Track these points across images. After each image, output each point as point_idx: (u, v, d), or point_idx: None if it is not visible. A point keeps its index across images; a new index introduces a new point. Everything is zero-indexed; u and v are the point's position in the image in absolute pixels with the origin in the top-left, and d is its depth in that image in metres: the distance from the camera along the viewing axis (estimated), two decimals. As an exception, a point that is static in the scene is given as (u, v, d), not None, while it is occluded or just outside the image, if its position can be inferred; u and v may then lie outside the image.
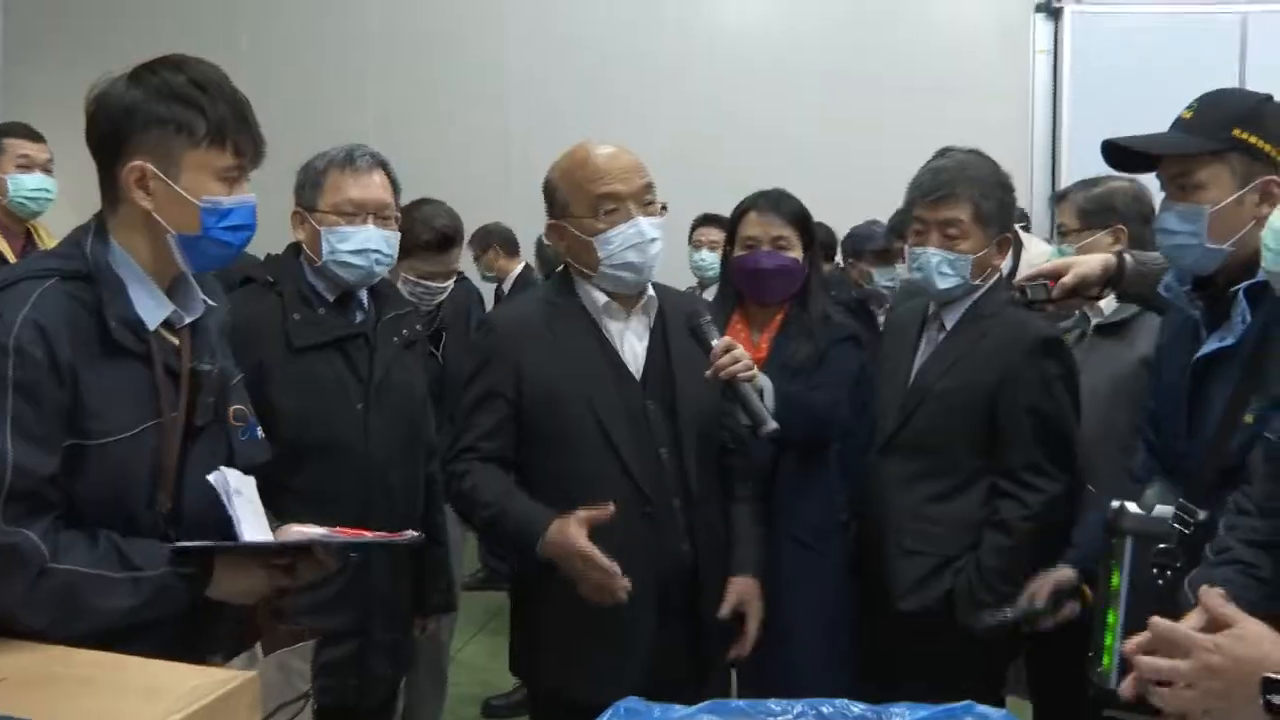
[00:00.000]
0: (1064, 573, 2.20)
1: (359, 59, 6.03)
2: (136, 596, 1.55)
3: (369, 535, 1.82)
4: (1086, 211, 2.69)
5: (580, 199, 2.18)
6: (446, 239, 3.00)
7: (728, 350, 2.12)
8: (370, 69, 6.03)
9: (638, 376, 2.22)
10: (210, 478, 1.64)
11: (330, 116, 5.69)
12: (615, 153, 2.20)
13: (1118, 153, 2.01)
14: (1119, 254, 2.27)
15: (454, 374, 3.01)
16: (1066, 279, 2.18)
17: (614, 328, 2.23)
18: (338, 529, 1.76)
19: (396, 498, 2.30)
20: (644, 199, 2.18)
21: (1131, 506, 1.93)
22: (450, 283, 3.09)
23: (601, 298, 2.21)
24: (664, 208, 2.25)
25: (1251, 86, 2.18)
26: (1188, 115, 1.94)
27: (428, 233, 2.95)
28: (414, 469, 2.40)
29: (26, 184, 3.63)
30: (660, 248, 2.19)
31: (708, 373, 2.11)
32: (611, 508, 2.03)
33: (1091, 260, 2.24)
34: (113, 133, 1.62)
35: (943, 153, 2.50)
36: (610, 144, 2.22)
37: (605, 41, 5.88)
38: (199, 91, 1.61)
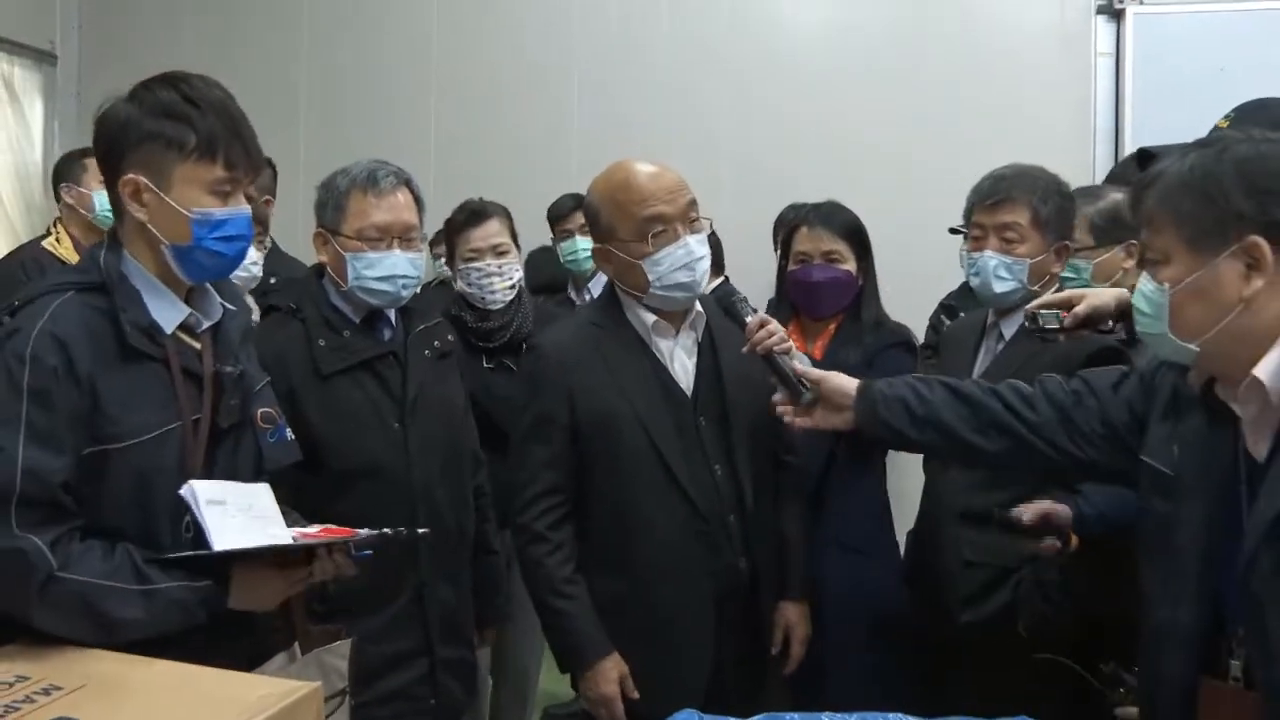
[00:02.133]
0: (1059, 508, 2.12)
1: (421, 69, 6.08)
2: (149, 610, 1.58)
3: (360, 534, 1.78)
4: (1099, 228, 2.59)
5: (626, 222, 2.18)
6: (475, 213, 3.03)
7: (762, 325, 2.11)
8: (433, 79, 6.09)
9: (689, 393, 2.22)
10: (181, 491, 1.65)
11: (393, 129, 5.76)
12: (657, 172, 2.19)
13: (1151, 161, 1.99)
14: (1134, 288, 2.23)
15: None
16: (1079, 309, 2.13)
17: (664, 346, 2.23)
18: (329, 528, 1.77)
19: (444, 514, 2.28)
20: (689, 217, 2.17)
21: None
22: (506, 266, 3.02)
23: (650, 317, 2.22)
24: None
25: (1324, 86, 2.13)
26: (1224, 125, 1.90)
27: (460, 214, 3.02)
28: (460, 483, 2.38)
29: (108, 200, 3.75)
30: (708, 262, 2.19)
31: (744, 348, 2.10)
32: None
33: (1104, 294, 2.19)
34: (111, 149, 1.71)
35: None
36: (650, 162, 2.22)
37: (671, 47, 5.90)
38: (190, 107, 1.67)
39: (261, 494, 1.74)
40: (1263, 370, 1.41)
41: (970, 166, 2.54)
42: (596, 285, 4.12)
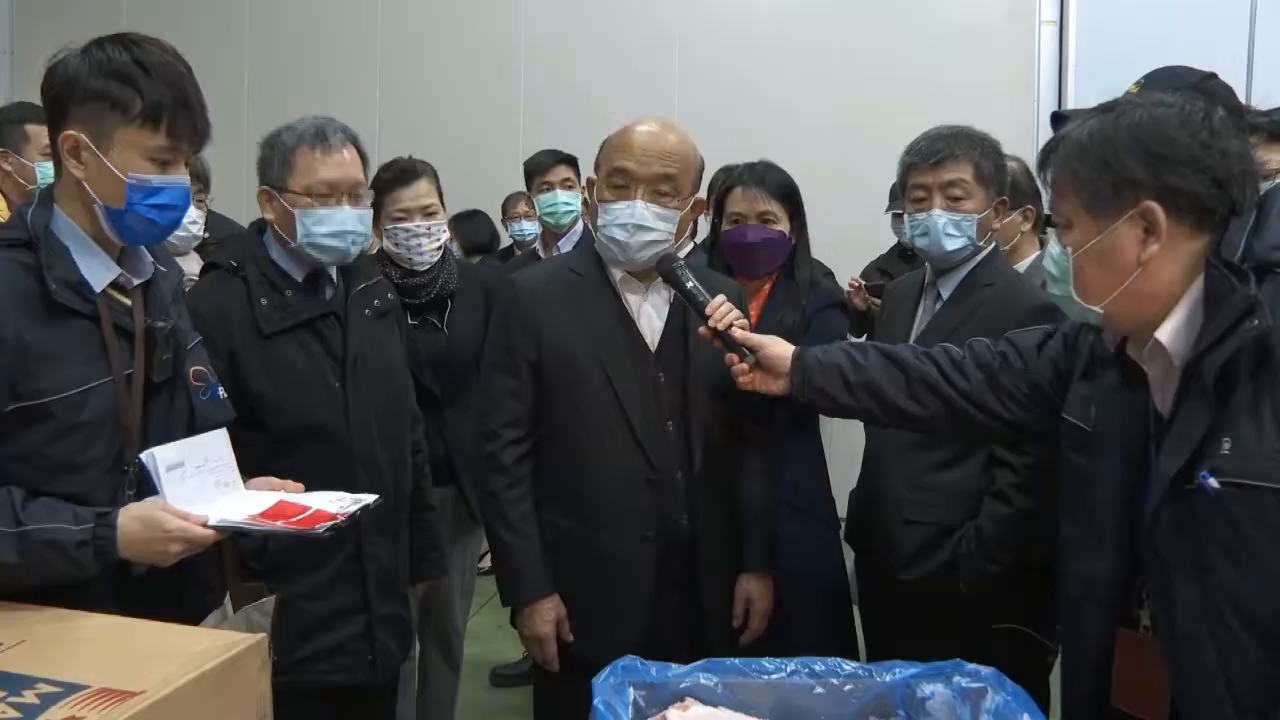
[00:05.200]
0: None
1: (366, 32, 6.01)
2: (22, 552, 1.54)
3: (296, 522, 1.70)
4: None
5: (604, 164, 2.23)
6: (404, 172, 2.98)
7: (720, 305, 2.12)
8: (378, 42, 6.02)
9: (653, 349, 2.24)
10: (141, 457, 1.64)
11: (338, 91, 5.69)
12: (654, 133, 2.19)
13: (1063, 123, 2.03)
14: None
15: (460, 348, 3.01)
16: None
17: (632, 300, 2.25)
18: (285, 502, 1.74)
19: (384, 473, 2.29)
20: (656, 187, 2.17)
21: None
22: (435, 227, 2.98)
23: (618, 271, 2.24)
24: (695, 205, 2.26)
25: (1260, 54, 2.16)
26: (1134, 90, 1.92)
27: (387, 172, 2.96)
28: (399, 443, 2.38)
29: (50, 172, 3.65)
30: (655, 238, 2.18)
31: (702, 328, 2.10)
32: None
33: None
34: (55, 102, 1.68)
35: None
36: (660, 125, 2.22)
37: (615, 14, 5.87)
38: (139, 71, 1.65)
39: (217, 444, 1.74)
40: (1164, 333, 1.46)
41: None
42: (567, 242, 4.11)
